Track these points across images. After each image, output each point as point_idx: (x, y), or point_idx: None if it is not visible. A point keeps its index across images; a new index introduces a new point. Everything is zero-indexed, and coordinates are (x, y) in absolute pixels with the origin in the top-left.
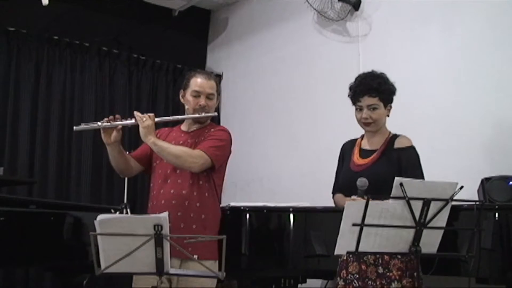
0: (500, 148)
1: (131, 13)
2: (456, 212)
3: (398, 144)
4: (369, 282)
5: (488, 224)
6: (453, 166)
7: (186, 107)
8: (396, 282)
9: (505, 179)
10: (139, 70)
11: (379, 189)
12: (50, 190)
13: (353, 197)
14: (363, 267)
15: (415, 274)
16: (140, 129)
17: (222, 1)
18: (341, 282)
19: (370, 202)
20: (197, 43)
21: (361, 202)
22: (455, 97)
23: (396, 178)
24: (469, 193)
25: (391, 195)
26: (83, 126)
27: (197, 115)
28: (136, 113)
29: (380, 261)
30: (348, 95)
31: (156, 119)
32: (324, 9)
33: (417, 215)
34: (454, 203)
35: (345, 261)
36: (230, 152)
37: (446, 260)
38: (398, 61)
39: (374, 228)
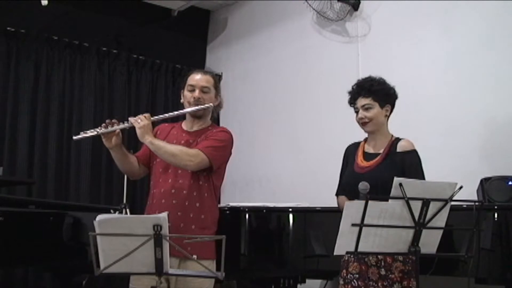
0: (499, 148)
1: (130, 13)
2: (456, 212)
3: (401, 147)
4: (371, 283)
5: (487, 224)
6: (453, 166)
7: (182, 101)
8: (397, 284)
9: (504, 179)
10: (139, 70)
11: (382, 191)
12: (49, 190)
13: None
14: (364, 267)
15: (413, 273)
16: (137, 130)
17: (222, 1)
18: (341, 282)
19: (370, 202)
20: (196, 43)
21: (360, 202)
22: (455, 98)
23: (395, 178)
24: (468, 193)
25: (391, 195)
26: (82, 135)
27: (192, 108)
28: (130, 118)
29: (382, 263)
30: (348, 101)
31: (152, 118)
32: (324, 9)
33: (416, 215)
34: (453, 203)
35: (346, 261)
36: (230, 153)
37: (445, 260)
38: (397, 62)
39: (374, 228)
